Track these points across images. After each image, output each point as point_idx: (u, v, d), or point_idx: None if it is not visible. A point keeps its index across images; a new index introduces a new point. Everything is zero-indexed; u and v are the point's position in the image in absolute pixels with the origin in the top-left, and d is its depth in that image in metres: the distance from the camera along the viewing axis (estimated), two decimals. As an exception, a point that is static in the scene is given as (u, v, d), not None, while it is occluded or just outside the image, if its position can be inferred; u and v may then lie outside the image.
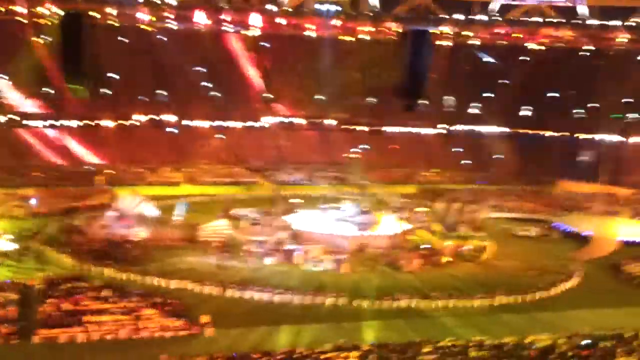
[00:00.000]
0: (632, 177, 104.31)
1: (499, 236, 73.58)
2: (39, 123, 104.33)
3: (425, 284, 56.13)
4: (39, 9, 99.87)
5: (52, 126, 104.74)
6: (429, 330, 45.47)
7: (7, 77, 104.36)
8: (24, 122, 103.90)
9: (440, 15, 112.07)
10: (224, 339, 42.86)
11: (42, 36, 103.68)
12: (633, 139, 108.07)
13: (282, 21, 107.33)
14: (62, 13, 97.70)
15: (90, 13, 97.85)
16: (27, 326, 42.41)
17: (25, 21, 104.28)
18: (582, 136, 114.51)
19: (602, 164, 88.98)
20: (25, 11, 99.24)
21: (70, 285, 49.50)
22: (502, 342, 42.00)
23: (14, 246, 60.64)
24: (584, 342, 41.93)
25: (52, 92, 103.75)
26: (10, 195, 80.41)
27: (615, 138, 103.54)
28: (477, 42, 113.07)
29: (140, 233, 65.40)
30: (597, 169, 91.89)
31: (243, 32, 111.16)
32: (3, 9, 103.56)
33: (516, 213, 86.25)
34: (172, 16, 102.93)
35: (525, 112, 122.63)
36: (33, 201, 78.49)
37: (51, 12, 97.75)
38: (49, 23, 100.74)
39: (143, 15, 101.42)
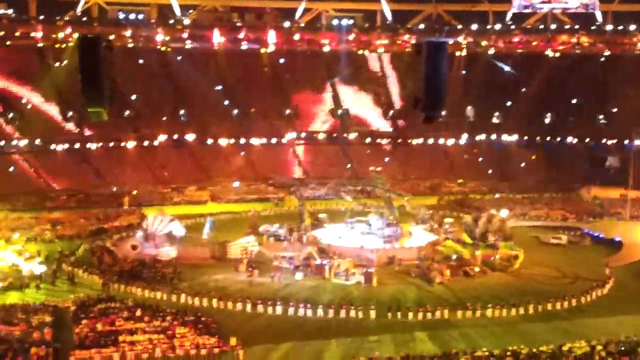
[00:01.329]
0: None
1: (529, 244, 72.92)
2: (63, 147, 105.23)
3: (458, 294, 55.99)
4: (56, 34, 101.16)
5: (76, 149, 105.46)
6: (464, 341, 45.24)
7: (28, 102, 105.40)
8: (49, 146, 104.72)
9: (455, 26, 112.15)
10: (257, 356, 42.89)
11: (60, 60, 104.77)
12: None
13: (297, 37, 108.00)
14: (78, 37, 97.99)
15: (107, 36, 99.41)
16: (63, 348, 42.60)
17: (41, 45, 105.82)
18: (606, 141, 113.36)
19: (629, 169, 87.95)
20: (41, 35, 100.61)
21: (103, 306, 49.78)
22: (539, 350, 41.64)
23: (45, 269, 61.06)
24: (622, 348, 41.49)
25: (74, 115, 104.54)
26: (39, 219, 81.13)
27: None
28: (495, 51, 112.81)
29: (170, 252, 65.69)
30: (624, 173, 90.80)
31: (260, 49, 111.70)
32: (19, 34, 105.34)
33: (545, 221, 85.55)
34: (187, 36, 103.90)
35: (548, 119, 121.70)
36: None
37: (66, 34, 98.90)
38: (66, 47, 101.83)
39: (159, 36, 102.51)
